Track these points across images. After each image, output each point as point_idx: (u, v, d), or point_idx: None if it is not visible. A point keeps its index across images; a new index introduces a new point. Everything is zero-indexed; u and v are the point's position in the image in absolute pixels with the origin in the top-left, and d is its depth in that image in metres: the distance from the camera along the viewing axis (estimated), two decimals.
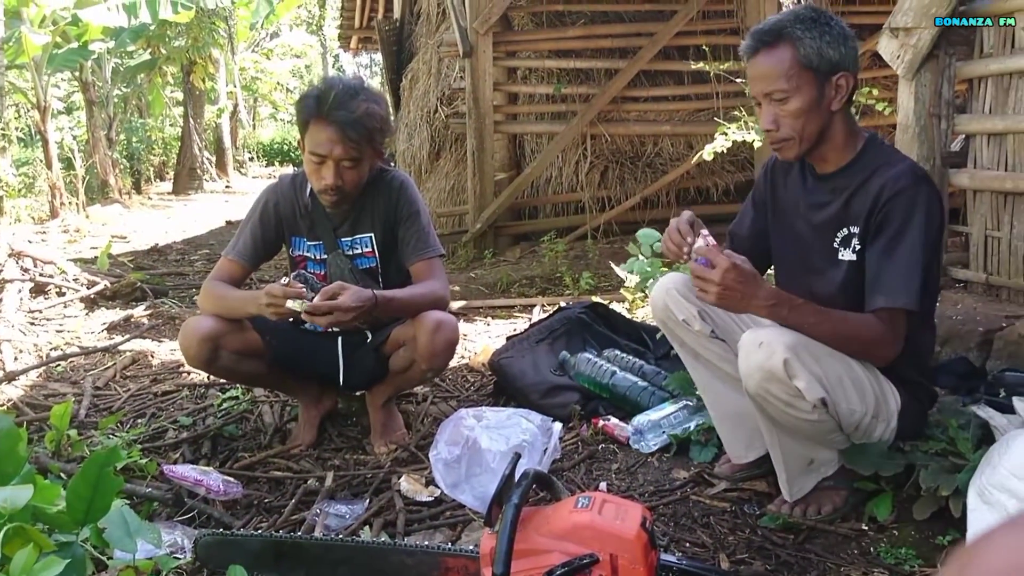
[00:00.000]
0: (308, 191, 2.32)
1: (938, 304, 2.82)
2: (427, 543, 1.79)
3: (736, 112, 4.59)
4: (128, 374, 3.28)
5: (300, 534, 1.82)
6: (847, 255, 1.78)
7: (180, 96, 17.31)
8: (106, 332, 4.08)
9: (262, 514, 2.03)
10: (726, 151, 4.35)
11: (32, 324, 4.22)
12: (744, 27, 5.72)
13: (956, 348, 2.61)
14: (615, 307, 3.58)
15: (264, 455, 2.36)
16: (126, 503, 1.64)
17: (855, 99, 1.94)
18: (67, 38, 10.17)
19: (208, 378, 2.97)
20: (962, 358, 2.49)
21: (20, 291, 4.66)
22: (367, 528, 1.90)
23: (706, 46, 5.24)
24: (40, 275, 4.96)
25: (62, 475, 2.03)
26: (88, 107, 12.62)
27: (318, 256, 2.36)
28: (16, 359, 3.52)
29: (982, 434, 1.91)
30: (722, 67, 4.82)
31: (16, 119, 15.65)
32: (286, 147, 24.31)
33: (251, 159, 23.70)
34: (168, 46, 13.62)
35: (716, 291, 1.63)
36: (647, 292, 3.29)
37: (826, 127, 1.76)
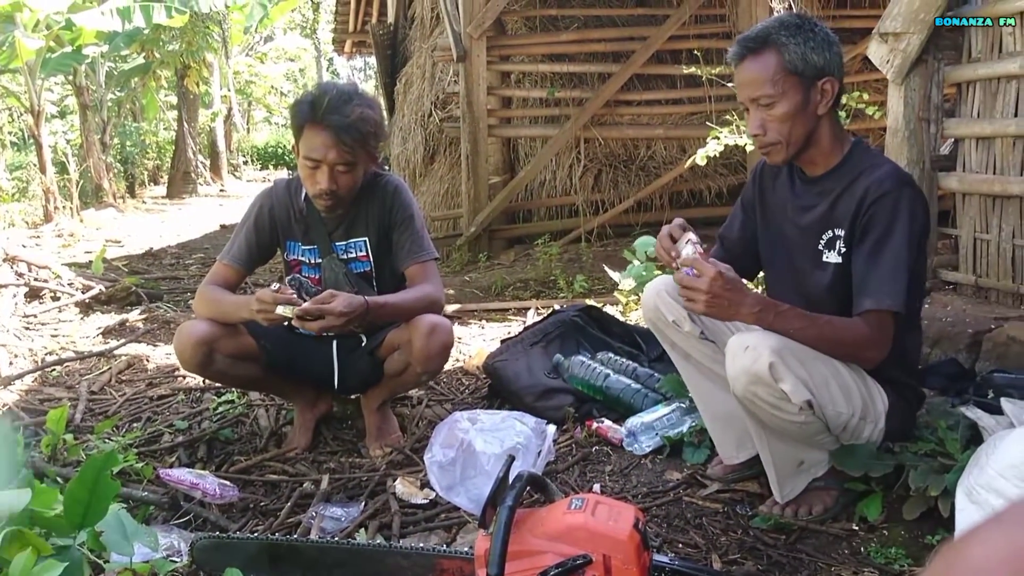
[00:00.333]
0: (303, 195, 2.33)
1: (928, 306, 2.85)
2: (422, 545, 1.80)
3: (728, 116, 4.60)
4: (123, 378, 3.28)
5: (296, 537, 1.83)
6: (832, 257, 1.80)
7: (174, 100, 17.29)
8: (101, 336, 4.08)
9: (258, 517, 2.04)
10: (719, 155, 4.36)
11: (27, 329, 4.21)
12: (736, 31, 5.74)
13: (945, 350, 2.62)
14: (609, 310, 3.59)
15: (260, 458, 2.37)
16: (123, 507, 1.65)
17: (845, 103, 1.97)
18: (61, 42, 10.13)
19: (204, 382, 2.97)
20: (951, 359, 2.50)
21: (15, 296, 4.66)
22: (363, 531, 1.91)
23: (698, 50, 5.25)
24: (35, 280, 4.96)
25: (59, 479, 2.03)
26: (82, 111, 12.58)
27: (313, 260, 2.37)
28: (11, 364, 3.52)
29: (971, 435, 1.93)
30: (714, 71, 4.84)
31: (10, 123, 15.62)
32: (280, 151, 24.30)
33: (245, 163, 23.70)
34: (162, 50, 13.59)
35: (704, 299, 1.64)
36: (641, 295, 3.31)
37: (813, 131, 1.78)
